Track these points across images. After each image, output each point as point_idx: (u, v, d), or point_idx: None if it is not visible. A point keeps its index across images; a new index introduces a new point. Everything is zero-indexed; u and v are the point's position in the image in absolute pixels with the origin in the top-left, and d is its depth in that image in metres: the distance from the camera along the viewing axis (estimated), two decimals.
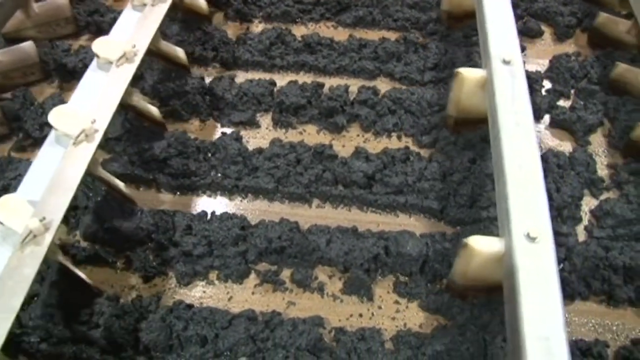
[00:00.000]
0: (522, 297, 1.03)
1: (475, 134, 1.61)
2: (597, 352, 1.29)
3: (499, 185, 1.25)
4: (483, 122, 1.45)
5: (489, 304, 1.32)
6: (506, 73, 1.40)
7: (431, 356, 1.26)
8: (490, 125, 1.38)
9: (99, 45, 1.50)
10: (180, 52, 1.75)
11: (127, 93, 1.49)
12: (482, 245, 1.18)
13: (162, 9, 1.63)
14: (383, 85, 1.81)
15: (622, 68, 1.75)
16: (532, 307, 1.02)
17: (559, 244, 1.45)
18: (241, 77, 1.85)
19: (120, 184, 1.46)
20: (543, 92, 1.80)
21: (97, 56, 1.49)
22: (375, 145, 1.67)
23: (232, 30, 1.99)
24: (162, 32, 1.78)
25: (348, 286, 1.40)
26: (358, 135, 1.70)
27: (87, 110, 1.39)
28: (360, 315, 1.37)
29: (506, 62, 1.42)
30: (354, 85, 1.79)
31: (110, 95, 1.43)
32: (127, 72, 1.47)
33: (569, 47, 1.94)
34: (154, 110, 1.61)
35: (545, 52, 1.94)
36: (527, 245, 1.10)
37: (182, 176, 1.59)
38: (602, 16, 1.89)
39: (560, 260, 1.43)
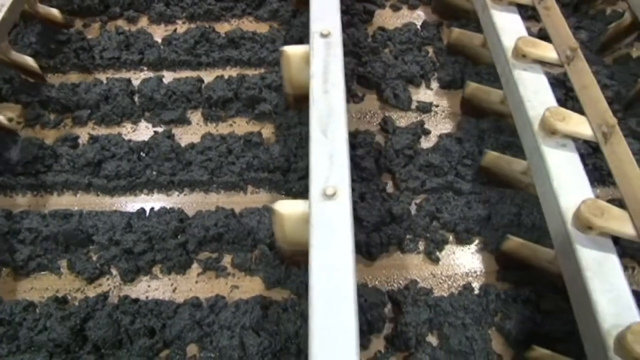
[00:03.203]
0: (313, 252, 1.08)
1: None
2: (526, 297, 1.38)
3: (309, 151, 1.29)
4: None
5: None
6: (323, 45, 1.46)
7: None
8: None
9: None
10: (30, 61, 1.78)
11: None
12: (286, 208, 1.23)
13: None
14: None
15: (457, 32, 1.85)
16: (320, 260, 1.07)
17: (482, 202, 1.54)
18: (169, 77, 1.88)
19: None
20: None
21: None
22: None
23: (157, 32, 2.02)
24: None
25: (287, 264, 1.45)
26: None
27: None
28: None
29: (324, 36, 1.48)
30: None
31: None
32: None
33: None
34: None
35: None
36: (323, 203, 1.16)
37: (117, 177, 1.61)
38: None
39: (485, 218, 1.52)
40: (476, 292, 1.43)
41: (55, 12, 1.96)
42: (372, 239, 1.46)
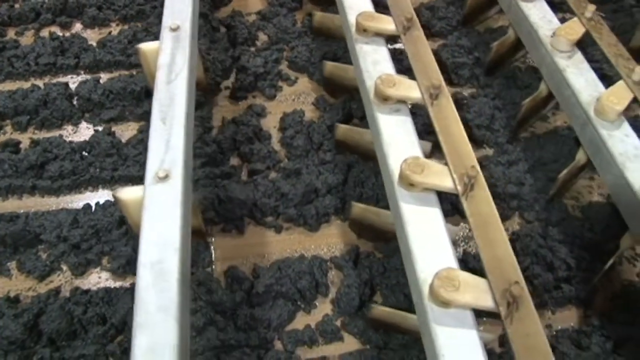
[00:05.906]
0: (143, 231, 1.12)
1: None
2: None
3: (148, 139, 1.32)
4: None
5: None
6: (171, 39, 1.50)
7: None
8: None
9: None
10: None
11: None
12: (126, 195, 1.24)
13: None
14: None
15: (319, 15, 1.92)
16: (148, 239, 1.11)
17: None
18: (105, 77, 1.92)
19: None
20: None
21: None
22: None
23: (91, 36, 2.06)
24: None
25: None
26: None
27: None
28: None
29: (173, 30, 1.52)
30: None
31: None
32: None
33: None
34: None
35: None
36: (155, 185, 1.19)
37: (62, 177, 1.65)
38: None
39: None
40: None
41: None
42: (307, 211, 1.53)
